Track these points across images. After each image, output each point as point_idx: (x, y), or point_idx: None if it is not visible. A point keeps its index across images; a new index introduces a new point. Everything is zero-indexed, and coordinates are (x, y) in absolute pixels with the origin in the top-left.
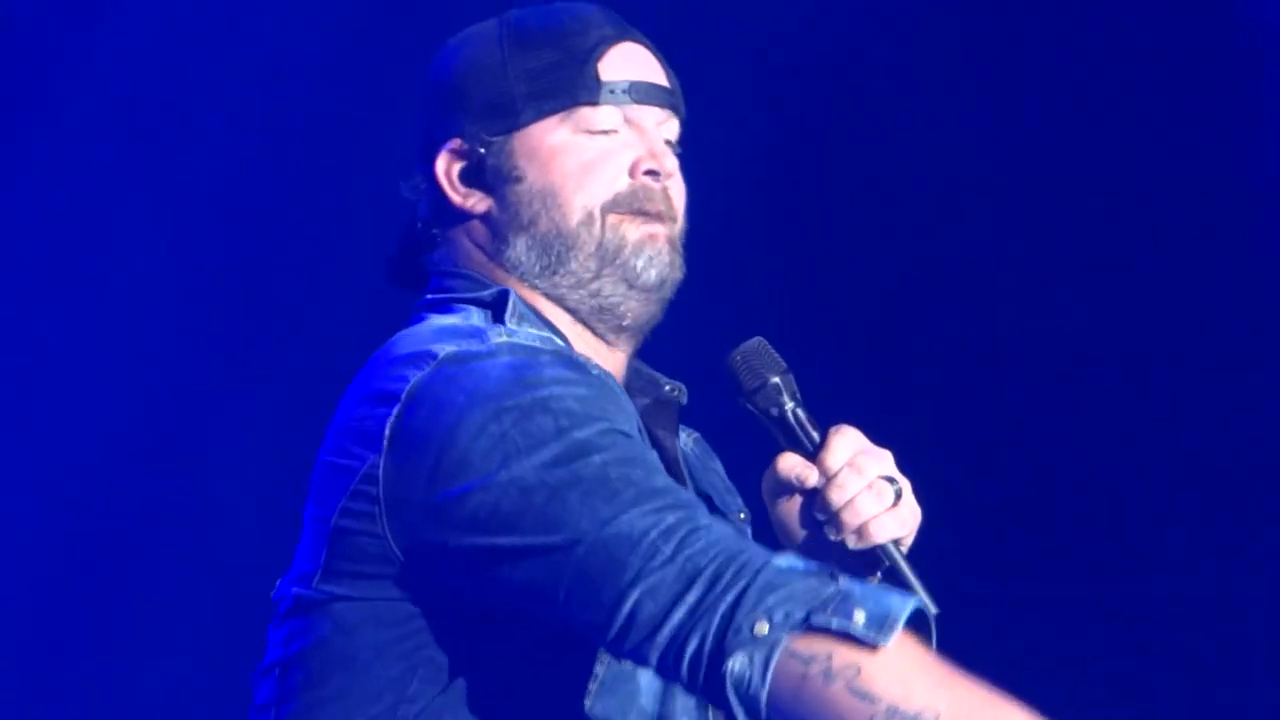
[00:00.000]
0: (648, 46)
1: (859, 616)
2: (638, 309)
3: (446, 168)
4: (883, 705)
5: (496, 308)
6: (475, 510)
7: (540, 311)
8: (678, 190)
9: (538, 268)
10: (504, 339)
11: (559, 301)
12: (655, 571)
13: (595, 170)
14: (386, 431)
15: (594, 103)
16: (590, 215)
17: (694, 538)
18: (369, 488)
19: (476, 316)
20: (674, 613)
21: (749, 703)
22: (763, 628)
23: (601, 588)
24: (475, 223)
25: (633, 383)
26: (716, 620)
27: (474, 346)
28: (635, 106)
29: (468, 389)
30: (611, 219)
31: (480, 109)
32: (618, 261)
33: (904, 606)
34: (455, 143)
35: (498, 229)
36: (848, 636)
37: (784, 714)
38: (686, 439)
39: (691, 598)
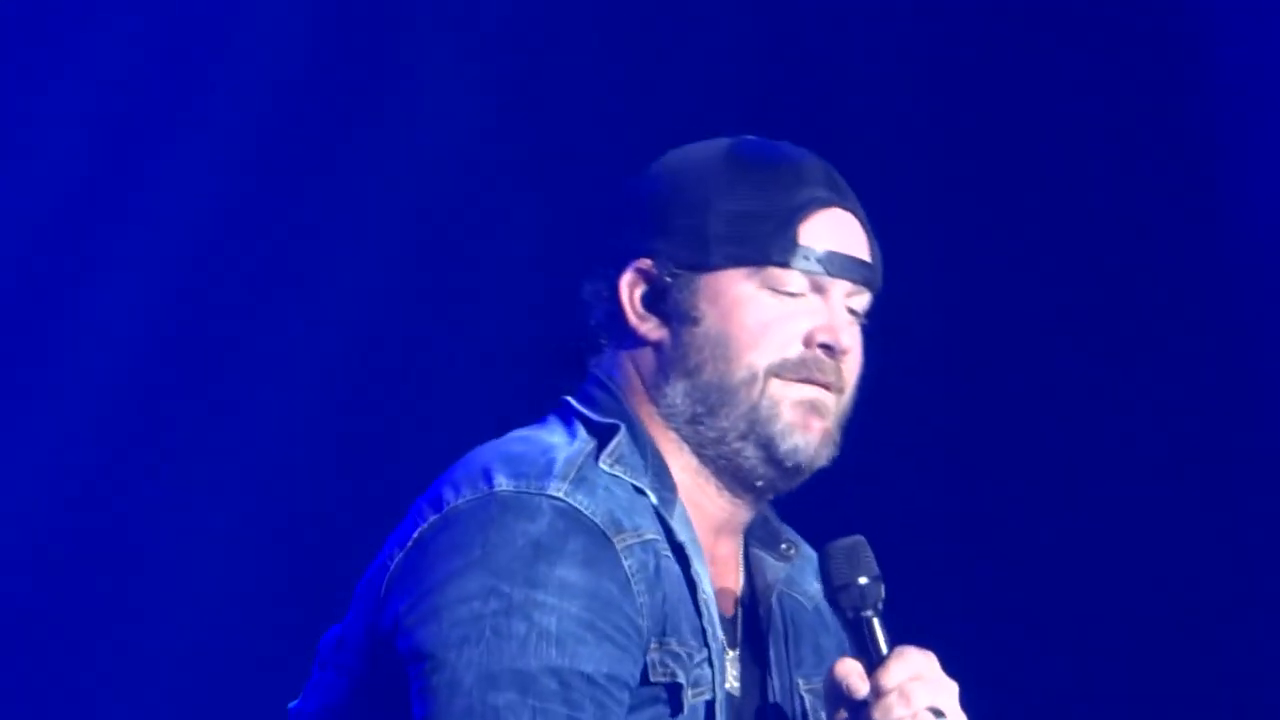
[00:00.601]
0: (857, 216)
1: None
2: (774, 481)
3: (630, 285)
4: None
5: (602, 439)
6: (420, 663)
7: (664, 453)
8: (851, 366)
9: (689, 413)
10: (560, 495)
11: (696, 450)
12: None
13: (771, 331)
14: (414, 536)
15: (786, 265)
16: (754, 374)
17: None
18: (384, 577)
19: (579, 441)
20: None
21: None
22: None
23: None
24: (645, 349)
25: (755, 532)
26: None
27: (524, 489)
28: (828, 277)
29: (486, 546)
30: (775, 383)
31: (676, 237)
32: (768, 430)
33: None
34: (645, 263)
35: (663, 363)
36: None
37: None
38: (800, 596)
39: None
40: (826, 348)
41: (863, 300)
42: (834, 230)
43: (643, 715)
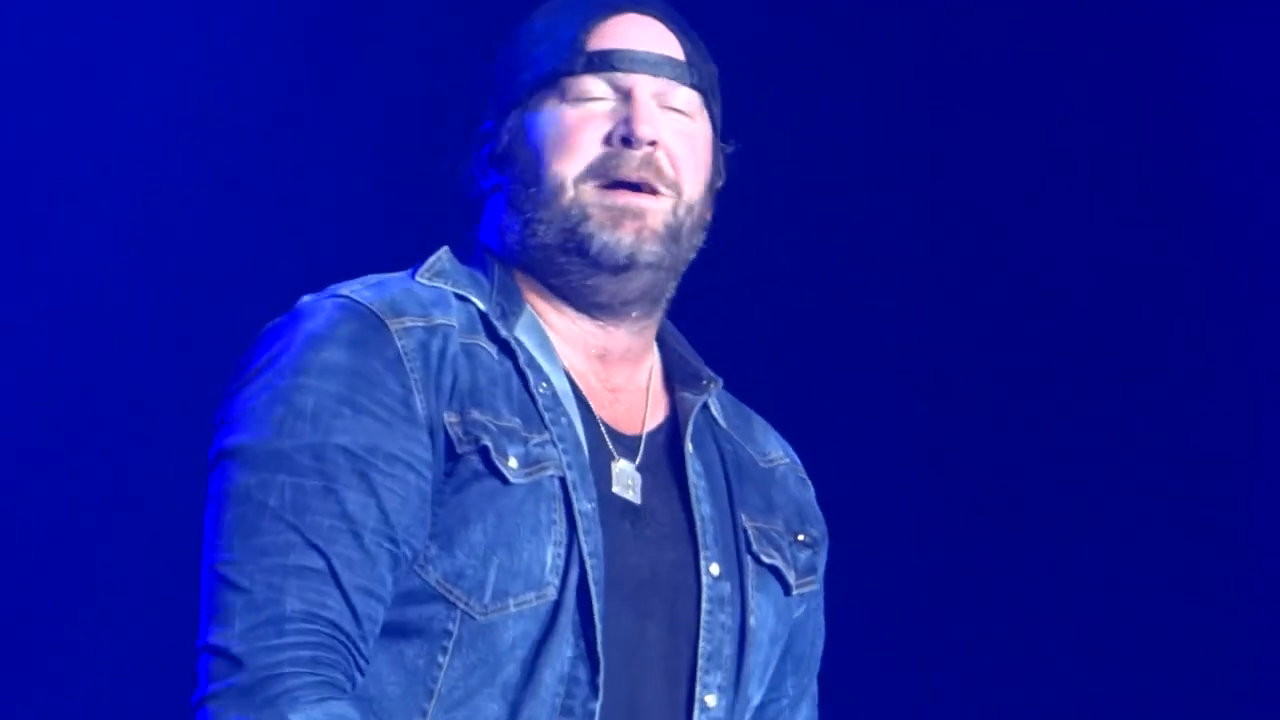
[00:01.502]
0: (659, 16)
1: None
2: (610, 288)
3: (476, 153)
4: None
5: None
6: (208, 472)
7: (521, 284)
8: (672, 158)
9: (522, 241)
10: (345, 293)
11: (543, 280)
12: (218, 655)
13: (572, 138)
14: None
15: (573, 71)
16: (563, 184)
17: (267, 634)
18: None
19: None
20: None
21: None
22: None
23: (201, 619)
24: (496, 205)
25: (675, 374)
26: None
27: (319, 296)
28: (623, 75)
29: (270, 350)
30: (585, 190)
31: (498, 94)
32: (578, 234)
33: None
34: (483, 130)
35: (504, 205)
36: None
37: None
38: (755, 453)
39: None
40: (625, 140)
41: (682, 96)
42: (626, 31)
43: (472, 489)
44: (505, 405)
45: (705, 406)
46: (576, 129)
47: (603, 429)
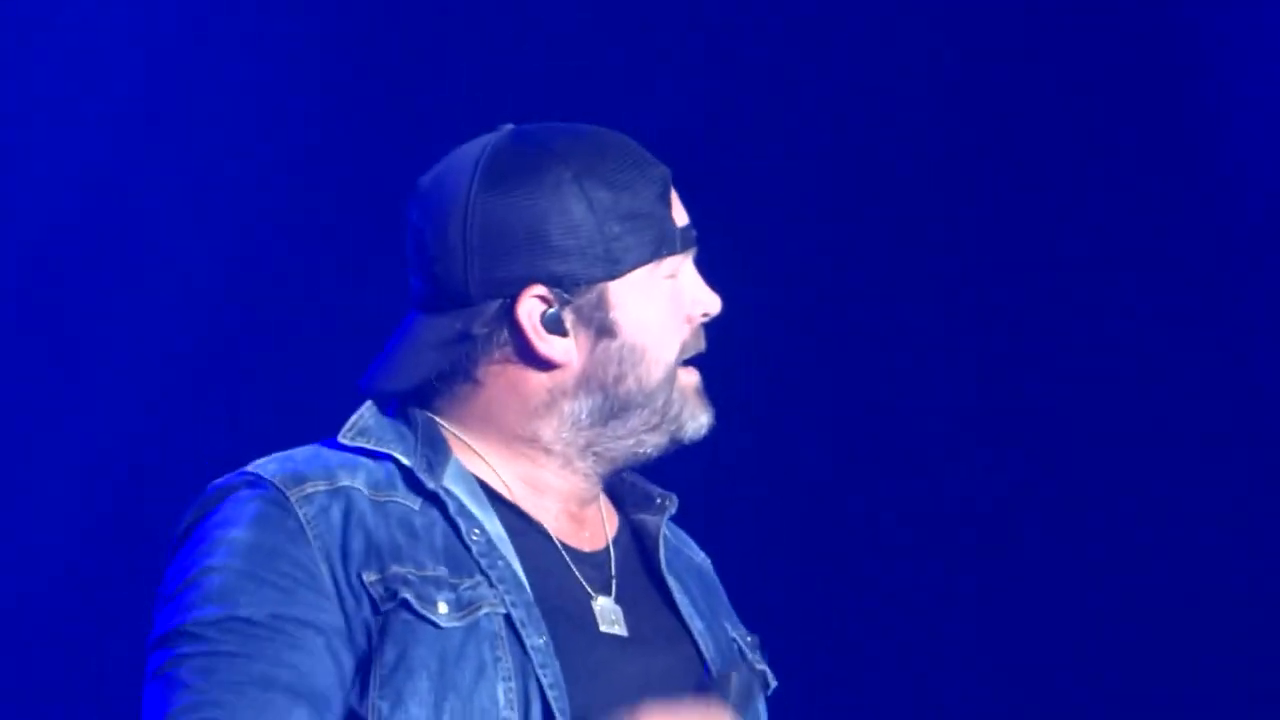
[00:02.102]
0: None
1: None
2: (656, 457)
3: (529, 314)
4: None
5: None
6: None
7: (449, 440)
8: None
9: (590, 420)
10: (251, 469)
11: (547, 447)
12: None
13: (670, 323)
14: None
15: (675, 251)
16: (670, 372)
17: None
18: None
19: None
20: None
21: None
22: None
23: None
24: (551, 372)
25: (626, 500)
26: None
27: (230, 480)
28: (691, 249)
29: (181, 534)
30: (680, 373)
31: (567, 258)
32: (679, 420)
33: None
34: (538, 289)
35: (569, 382)
36: None
37: None
38: (694, 558)
39: None
40: (705, 316)
41: None
42: (678, 202)
43: (409, 640)
44: (429, 557)
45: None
46: (671, 312)
47: (564, 553)
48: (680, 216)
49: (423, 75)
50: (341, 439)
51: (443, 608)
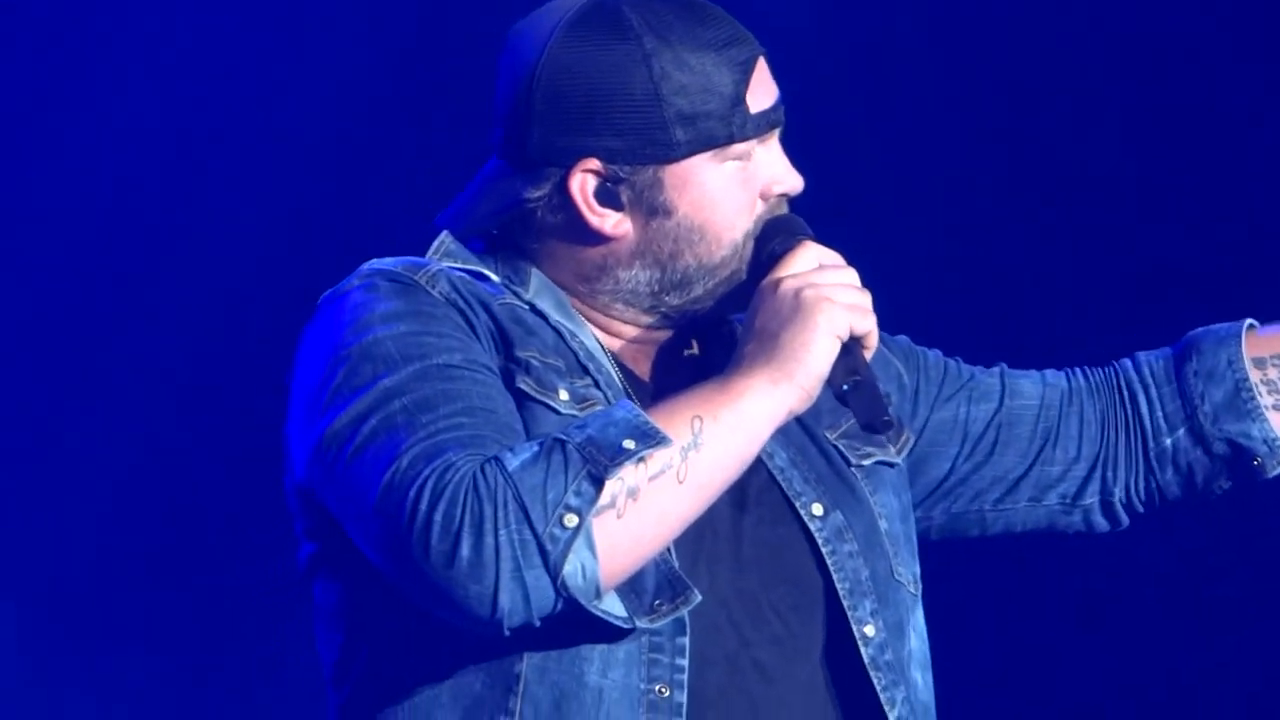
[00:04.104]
0: (764, 53)
1: (627, 443)
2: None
3: (581, 186)
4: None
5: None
6: (315, 462)
7: (528, 268)
8: None
9: (649, 289)
10: (363, 269)
11: (610, 304)
12: (424, 541)
13: (740, 203)
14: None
15: (746, 138)
16: (735, 249)
17: (443, 489)
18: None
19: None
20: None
21: (592, 590)
22: (571, 519)
23: (388, 547)
24: (604, 244)
25: (724, 347)
26: (524, 553)
27: (343, 285)
28: (770, 131)
29: (318, 338)
30: (750, 245)
31: (626, 135)
32: (744, 285)
33: (624, 407)
34: (592, 163)
35: (623, 253)
36: (634, 458)
37: (622, 563)
38: None
39: (465, 551)
40: (783, 195)
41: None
42: (763, 84)
43: (526, 418)
44: (542, 348)
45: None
46: (743, 191)
47: (640, 385)
48: (761, 99)
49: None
50: (430, 258)
51: (563, 395)
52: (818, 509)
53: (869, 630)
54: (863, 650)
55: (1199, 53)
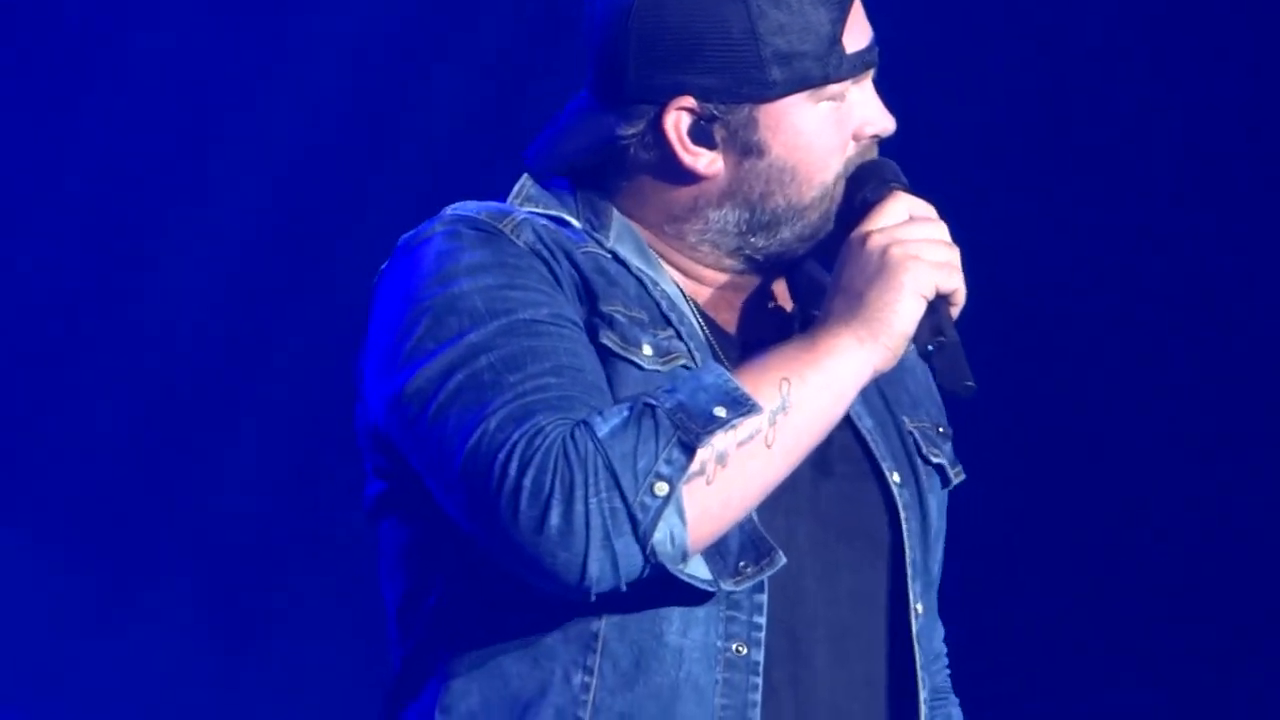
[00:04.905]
0: None
1: (718, 410)
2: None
3: (675, 124)
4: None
5: (509, 193)
6: (395, 411)
7: (612, 213)
8: None
9: (737, 230)
10: (445, 215)
11: (697, 245)
12: (513, 500)
13: (833, 144)
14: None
15: (842, 79)
16: (826, 190)
17: (532, 455)
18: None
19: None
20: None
21: (679, 556)
22: (661, 488)
23: (474, 510)
24: (696, 183)
25: (800, 294)
26: (614, 521)
27: (419, 230)
28: (865, 72)
29: (400, 284)
30: (841, 186)
31: (722, 73)
32: (828, 228)
33: (713, 371)
34: (687, 100)
35: (715, 192)
36: (725, 426)
37: (710, 529)
38: None
39: (555, 518)
40: (876, 136)
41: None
42: (859, 23)
43: (611, 373)
44: (625, 301)
45: None
46: (836, 133)
47: (722, 336)
48: (857, 39)
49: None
50: (511, 203)
51: (647, 350)
52: (896, 478)
53: (919, 608)
54: (913, 623)
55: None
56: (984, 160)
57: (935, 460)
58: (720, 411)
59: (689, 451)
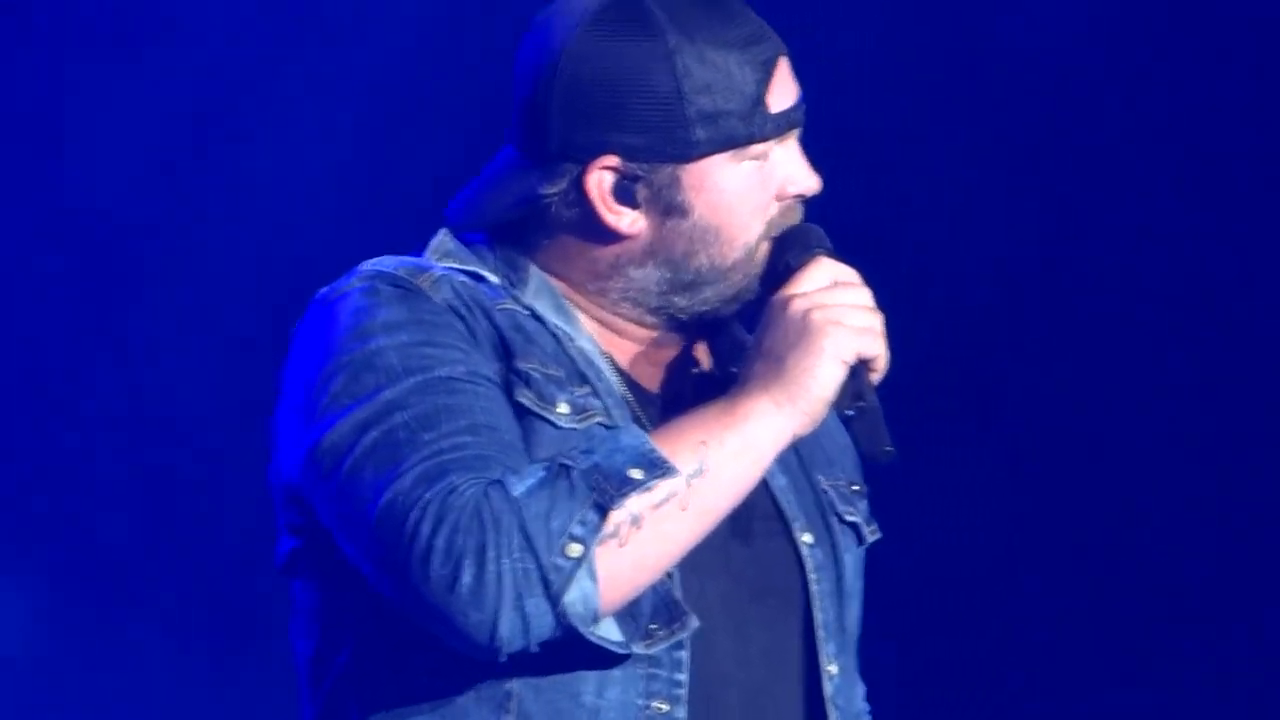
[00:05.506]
0: (786, 53)
1: (634, 472)
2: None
3: (598, 184)
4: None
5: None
6: (309, 468)
7: (530, 267)
8: None
9: (659, 289)
10: (362, 270)
11: (618, 303)
12: (425, 562)
13: (756, 204)
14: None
15: (766, 138)
16: (750, 251)
17: (445, 514)
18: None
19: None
20: (460, 595)
21: (590, 617)
22: (575, 549)
23: (386, 568)
24: (618, 242)
25: (722, 355)
26: (527, 583)
27: (335, 286)
28: (790, 131)
29: (313, 337)
30: (763, 247)
31: (646, 133)
32: (754, 290)
33: (630, 432)
34: (611, 159)
35: (637, 252)
36: (640, 488)
37: (622, 591)
38: None
39: (466, 578)
40: (799, 196)
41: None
42: (785, 82)
43: (526, 432)
44: (542, 358)
45: None
46: (759, 192)
47: (631, 390)
48: (783, 99)
49: None
50: (429, 258)
51: (563, 408)
52: (808, 538)
53: (832, 669)
54: (826, 685)
55: (1213, 53)
56: (984, 160)
57: (850, 519)
58: (636, 473)
59: (603, 513)
